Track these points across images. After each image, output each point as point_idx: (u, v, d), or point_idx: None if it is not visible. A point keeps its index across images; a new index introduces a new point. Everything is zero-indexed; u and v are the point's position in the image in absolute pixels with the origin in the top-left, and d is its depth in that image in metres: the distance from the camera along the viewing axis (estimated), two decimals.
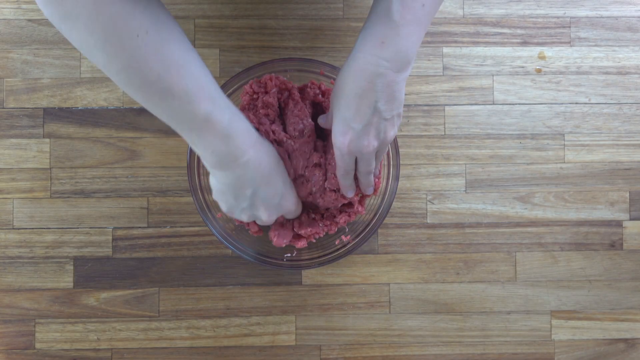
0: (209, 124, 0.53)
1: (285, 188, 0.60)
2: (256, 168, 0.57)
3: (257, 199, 0.59)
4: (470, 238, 0.74)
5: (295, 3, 0.74)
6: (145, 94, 0.51)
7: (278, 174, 0.60)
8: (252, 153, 0.56)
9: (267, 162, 0.58)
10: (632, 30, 0.75)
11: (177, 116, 0.53)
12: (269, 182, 0.58)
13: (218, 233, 0.66)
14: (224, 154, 0.55)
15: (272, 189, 0.59)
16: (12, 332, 0.72)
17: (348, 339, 0.73)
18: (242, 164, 0.56)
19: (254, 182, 0.57)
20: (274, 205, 0.60)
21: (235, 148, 0.55)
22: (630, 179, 0.74)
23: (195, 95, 0.51)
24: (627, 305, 0.74)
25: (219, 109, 0.53)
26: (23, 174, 0.73)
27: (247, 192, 0.58)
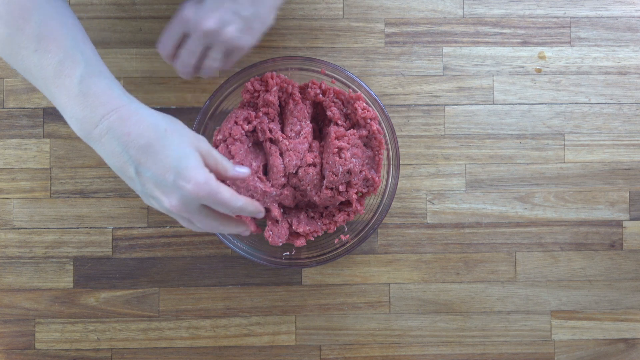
0: (59, 79, 0.45)
1: (184, 162, 0.47)
2: (123, 137, 0.46)
3: (144, 179, 0.47)
4: (470, 238, 0.74)
5: (295, 3, 0.74)
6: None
7: (167, 144, 0.47)
8: (116, 117, 0.46)
9: (141, 131, 0.46)
10: (632, 30, 0.75)
11: (27, 68, 0.46)
12: (152, 156, 0.46)
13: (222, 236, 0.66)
14: (80, 117, 0.46)
15: (160, 164, 0.46)
16: (12, 332, 0.72)
17: (348, 339, 0.73)
18: (106, 132, 0.46)
19: (128, 157, 0.46)
20: (169, 185, 0.47)
21: (93, 110, 0.45)
22: (630, 179, 0.74)
23: (42, 43, 0.45)
24: (627, 305, 0.74)
25: (70, 60, 0.45)
26: (23, 174, 0.73)
27: (130, 171, 0.47)
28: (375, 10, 0.74)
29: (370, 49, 0.74)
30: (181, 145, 0.47)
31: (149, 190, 0.48)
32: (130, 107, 0.47)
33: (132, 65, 0.73)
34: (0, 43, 0.46)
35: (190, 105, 0.73)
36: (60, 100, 0.46)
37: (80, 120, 0.46)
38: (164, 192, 0.47)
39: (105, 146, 0.46)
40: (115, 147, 0.46)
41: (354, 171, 0.63)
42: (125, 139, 0.46)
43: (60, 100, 0.46)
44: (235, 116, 0.65)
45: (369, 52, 0.74)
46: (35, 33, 0.45)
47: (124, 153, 0.46)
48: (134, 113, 0.47)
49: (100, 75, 0.47)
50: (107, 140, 0.46)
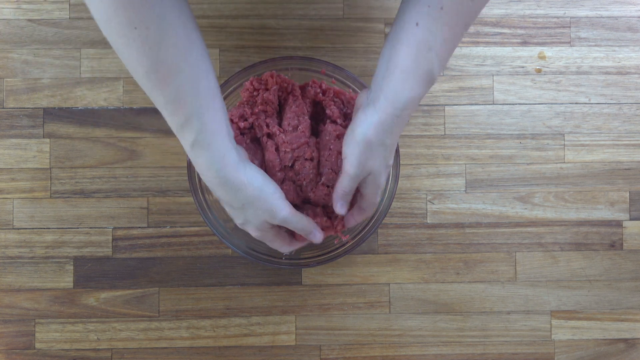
0: (180, 136, 0.54)
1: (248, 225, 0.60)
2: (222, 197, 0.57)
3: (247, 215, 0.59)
4: (470, 238, 0.74)
5: (295, 3, 0.74)
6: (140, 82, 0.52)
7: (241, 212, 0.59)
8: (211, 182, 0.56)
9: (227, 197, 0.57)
10: (632, 30, 0.75)
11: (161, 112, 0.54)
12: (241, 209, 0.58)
13: (218, 232, 0.66)
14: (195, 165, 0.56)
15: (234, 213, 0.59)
16: (12, 332, 0.72)
17: (348, 339, 0.73)
18: (209, 187, 0.57)
19: (227, 206, 0.59)
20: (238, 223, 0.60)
21: (199, 168, 0.56)
22: (630, 179, 0.74)
23: (173, 105, 0.52)
24: (627, 305, 0.74)
25: (189, 125, 0.53)
26: (23, 174, 0.73)
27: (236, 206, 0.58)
28: (376, 10, 0.74)
29: (370, 49, 0.74)
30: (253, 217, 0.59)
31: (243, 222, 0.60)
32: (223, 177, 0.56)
33: None
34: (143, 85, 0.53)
35: None
36: (184, 146, 0.55)
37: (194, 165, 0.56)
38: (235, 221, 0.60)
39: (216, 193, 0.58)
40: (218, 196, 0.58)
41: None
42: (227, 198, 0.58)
43: (184, 146, 0.55)
44: (231, 114, 0.65)
45: (369, 52, 0.74)
46: (171, 97, 0.52)
47: (225, 203, 0.59)
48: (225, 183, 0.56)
49: (208, 144, 0.54)
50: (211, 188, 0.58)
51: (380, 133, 0.55)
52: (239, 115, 0.65)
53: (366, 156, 0.56)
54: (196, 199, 0.66)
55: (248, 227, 0.60)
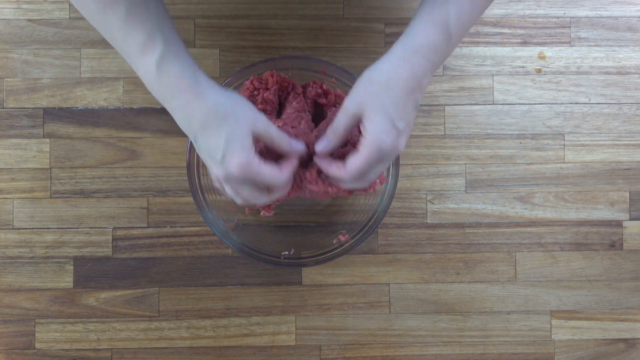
0: (141, 56, 0.52)
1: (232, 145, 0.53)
2: (188, 117, 0.53)
3: (200, 149, 0.55)
4: (470, 238, 0.74)
5: (295, 3, 0.74)
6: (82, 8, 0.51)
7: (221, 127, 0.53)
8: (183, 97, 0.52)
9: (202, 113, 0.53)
10: (632, 30, 0.75)
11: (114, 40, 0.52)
12: (207, 134, 0.53)
13: (216, 230, 0.66)
14: (156, 91, 0.53)
15: (212, 142, 0.53)
16: (12, 332, 0.72)
17: (348, 339, 0.73)
18: (175, 107, 0.53)
19: (191, 131, 0.54)
20: (217, 160, 0.54)
21: (166, 88, 0.53)
22: (630, 179, 0.74)
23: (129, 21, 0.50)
24: (627, 305, 0.74)
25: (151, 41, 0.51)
26: (23, 174, 0.73)
27: (191, 137, 0.55)
28: (375, 10, 0.74)
29: (370, 49, 0.74)
30: (234, 129, 0.53)
31: (202, 156, 0.55)
32: (197, 90, 0.53)
33: None
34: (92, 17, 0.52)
35: None
36: (140, 74, 0.53)
37: (156, 93, 0.54)
38: (214, 164, 0.54)
39: (176, 117, 0.54)
40: (182, 121, 0.54)
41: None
42: (189, 118, 0.53)
43: (140, 73, 0.53)
44: None
45: (369, 52, 0.74)
46: (123, 14, 0.50)
47: (188, 127, 0.54)
48: (199, 96, 0.53)
49: (175, 57, 0.53)
50: (176, 115, 0.54)
51: (384, 71, 0.53)
52: None
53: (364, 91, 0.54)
54: (196, 199, 0.66)
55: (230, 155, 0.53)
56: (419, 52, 0.53)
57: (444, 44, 0.54)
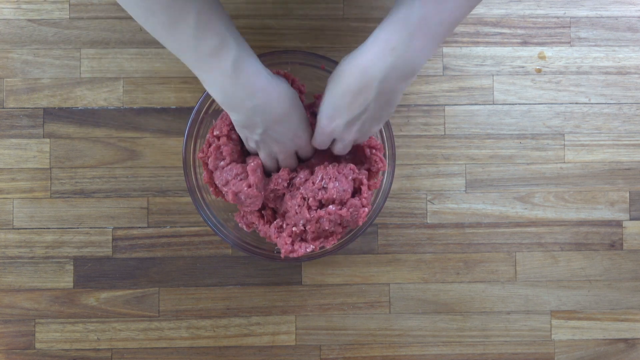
0: (214, 59, 0.53)
1: (300, 127, 0.60)
2: (265, 112, 0.56)
3: (267, 137, 0.59)
4: (470, 238, 0.74)
5: (295, 3, 0.74)
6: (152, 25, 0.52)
7: (292, 115, 0.59)
8: (261, 96, 0.55)
9: (278, 105, 0.57)
10: (632, 30, 0.75)
11: (184, 50, 0.53)
12: (281, 123, 0.58)
13: (213, 225, 0.66)
14: (230, 93, 0.54)
15: (284, 127, 0.59)
16: (12, 332, 0.72)
17: (348, 339, 0.73)
18: (251, 107, 0.55)
19: (264, 124, 0.57)
20: (286, 141, 0.60)
21: (242, 88, 0.54)
22: (630, 179, 0.74)
23: (201, 28, 0.51)
24: (627, 305, 0.74)
25: (226, 45, 0.52)
26: (23, 174, 0.73)
27: (258, 130, 0.58)
28: (375, 10, 0.74)
29: None
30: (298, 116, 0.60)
31: (266, 141, 0.60)
32: (271, 86, 0.56)
33: (132, 66, 0.73)
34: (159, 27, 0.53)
35: (190, 105, 0.73)
36: (212, 76, 0.54)
37: (229, 94, 0.55)
38: (279, 144, 0.60)
39: (246, 115, 0.56)
40: (256, 117, 0.56)
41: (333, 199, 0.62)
42: (265, 113, 0.56)
43: (212, 75, 0.54)
44: None
45: None
46: (195, 21, 0.51)
47: (261, 122, 0.57)
48: (273, 91, 0.56)
49: (249, 57, 0.55)
50: (250, 112, 0.56)
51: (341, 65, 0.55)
52: None
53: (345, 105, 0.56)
54: (193, 198, 0.66)
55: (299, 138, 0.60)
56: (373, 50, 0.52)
57: (404, 43, 0.51)
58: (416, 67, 0.53)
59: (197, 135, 0.67)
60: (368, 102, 0.54)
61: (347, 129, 0.58)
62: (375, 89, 0.53)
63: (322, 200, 0.62)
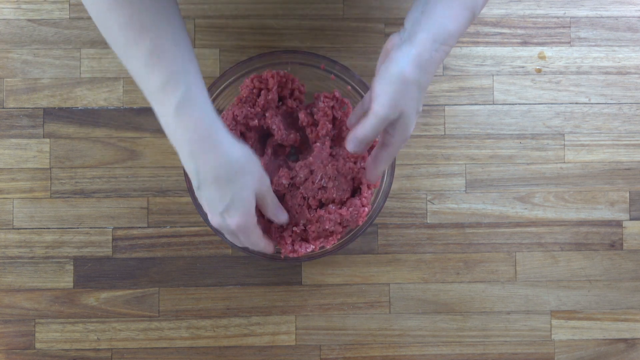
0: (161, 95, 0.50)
1: (235, 205, 0.54)
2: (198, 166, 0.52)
3: (201, 196, 0.54)
4: (470, 238, 0.74)
5: (295, 3, 0.74)
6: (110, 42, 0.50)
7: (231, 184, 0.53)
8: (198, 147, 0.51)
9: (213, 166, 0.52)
10: (632, 30, 0.75)
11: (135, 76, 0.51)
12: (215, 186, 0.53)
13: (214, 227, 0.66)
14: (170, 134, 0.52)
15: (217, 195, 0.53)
16: (12, 332, 0.72)
17: (348, 339, 0.73)
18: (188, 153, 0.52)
19: (197, 178, 0.53)
20: (217, 212, 0.54)
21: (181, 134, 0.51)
22: (630, 179, 0.74)
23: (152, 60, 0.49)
24: (627, 305, 0.74)
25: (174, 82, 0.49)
26: (23, 174, 0.73)
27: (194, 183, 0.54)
28: (376, 10, 0.74)
29: (370, 49, 0.74)
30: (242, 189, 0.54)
31: (203, 204, 0.55)
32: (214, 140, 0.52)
33: None
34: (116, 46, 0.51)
35: None
36: (159, 113, 0.52)
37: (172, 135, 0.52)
38: (213, 213, 0.55)
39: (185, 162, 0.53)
40: (190, 168, 0.53)
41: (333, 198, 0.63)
42: (199, 167, 0.52)
43: (159, 113, 0.51)
44: (234, 113, 0.65)
45: (369, 52, 0.74)
46: (148, 50, 0.49)
47: (195, 174, 0.53)
48: (215, 146, 0.52)
49: (196, 103, 0.51)
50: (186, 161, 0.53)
51: (417, 69, 0.51)
52: (244, 115, 0.65)
53: (400, 95, 0.51)
54: (193, 197, 0.66)
55: (232, 214, 0.54)
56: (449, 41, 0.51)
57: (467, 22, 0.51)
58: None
59: None
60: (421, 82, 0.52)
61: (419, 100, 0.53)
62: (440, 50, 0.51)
63: (322, 199, 0.63)
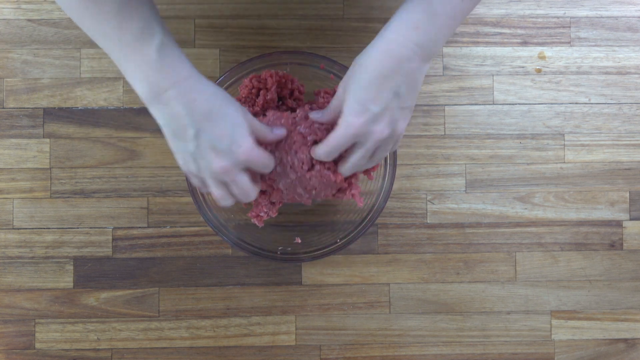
0: (138, 44, 0.50)
1: (238, 130, 0.53)
2: (190, 103, 0.51)
3: (202, 141, 0.52)
4: (470, 238, 0.74)
5: (295, 3, 0.74)
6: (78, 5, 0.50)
7: (225, 114, 0.52)
8: (186, 85, 0.51)
9: (205, 98, 0.51)
10: (632, 30, 0.75)
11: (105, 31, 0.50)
12: (213, 121, 0.51)
13: (214, 225, 0.66)
14: (153, 81, 0.50)
15: (218, 129, 0.52)
16: (12, 332, 0.72)
17: (348, 339, 0.73)
18: (175, 96, 0.50)
19: (191, 120, 0.51)
20: (224, 149, 0.52)
21: (166, 76, 0.50)
22: (630, 179, 0.74)
23: (124, 9, 0.49)
24: (627, 305, 0.74)
25: (150, 29, 0.50)
26: (23, 174, 0.73)
27: (190, 132, 0.52)
28: (376, 10, 0.74)
29: None
30: (236, 115, 0.53)
31: (202, 151, 0.52)
32: (197, 78, 0.52)
33: None
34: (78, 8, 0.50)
35: None
36: (134, 64, 0.50)
37: (152, 83, 0.50)
38: (217, 154, 0.52)
39: (170, 109, 0.51)
40: (181, 110, 0.51)
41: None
42: (192, 104, 0.51)
43: (134, 63, 0.50)
44: None
45: None
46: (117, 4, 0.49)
47: (188, 116, 0.51)
48: (199, 82, 0.52)
49: (174, 46, 0.52)
50: (174, 104, 0.51)
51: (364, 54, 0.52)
52: None
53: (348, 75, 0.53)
54: (194, 197, 0.66)
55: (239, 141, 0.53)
56: (397, 30, 0.51)
57: (427, 22, 0.51)
58: (438, 47, 0.52)
59: None
60: (398, 85, 0.52)
61: (378, 122, 0.53)
62: (404, 69, 0.51)
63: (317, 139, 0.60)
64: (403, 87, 0.52)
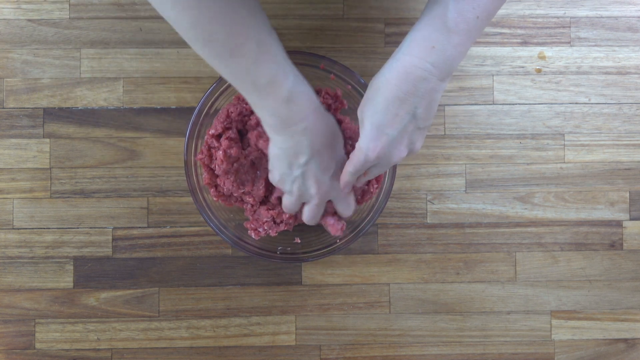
0: (272, 87, 0.53)
1: (338, 166, 0.60)
2: (314, 135, 0.56)
3: (309, 169, 0.58)
4: (470, 238, 0.74)
5: (295, 3, 0.74)
6: (211, 52, 0.51)
7: (334, 148, 0.59)
8: (312, 119, 0.55)
9: (325, 132, 0.57)
10: (632, 30, 0.75)
11: (241, 76, 0.53)
12: (324, 154, 0.58)
13: (214, 225, 0.66)
14: (284, 117, 0.54)
15: (326, 162, 0.58)
16: (12, 332, 0.72)
17: (348, 339, 0.73)
18: (301, 130, 0.55)
19: (310, 150, 0.57)
20: (325, 180, 0.59)
21: (296, 112, 0.54)
22: (630, 179, 0.74)
23: (260, 57, 0.51)
24: (627, 305, 0.74)
25: (282, 72, 0.53)
26: (23, 174, 0.73)
27: (302, 159, 0.57)
28: (376, 10, 0.74)
29: (370, 49, 0.74)
30: (338, 153, 0.60)
31: (306, 178, 0.59)
32: (320, 110, 0.57)
33: (132, 65, 0.73)
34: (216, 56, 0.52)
35: (190, 105, 0.73)
36: (266, 102, 0.54)
37: (282, 118, 0.55)
38: (317, 182, 0.59)
39: (296, 140, 0.56)
40: (304, 141, 0.56)
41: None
42: (314, 138, 0.56)
43: (266, 102, 0.54)
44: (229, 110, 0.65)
45: (369, 52, 0.74)
46: (254, 48, 0.51)
47: (308, 147, 0.56)
48: (322, 115, 0.57)
49: (303, 82, 0.56)
50: (299, 136, 0.56)
51: (380, 75, 0.54)
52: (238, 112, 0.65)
53: (365, 98, 0.55)
54: (194, 197, 0.66)
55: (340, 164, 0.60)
56: (412, 51, 0.51)
57: (443, 41, 0.51)
58: (454, 65, 0.52)
59: (199, 136, 0.67)
60: (415, 107, 0.52)
61: (396, 146, 0.55)
62: (420, 90, 0.52)
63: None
64: (420, 108, 0.53)
